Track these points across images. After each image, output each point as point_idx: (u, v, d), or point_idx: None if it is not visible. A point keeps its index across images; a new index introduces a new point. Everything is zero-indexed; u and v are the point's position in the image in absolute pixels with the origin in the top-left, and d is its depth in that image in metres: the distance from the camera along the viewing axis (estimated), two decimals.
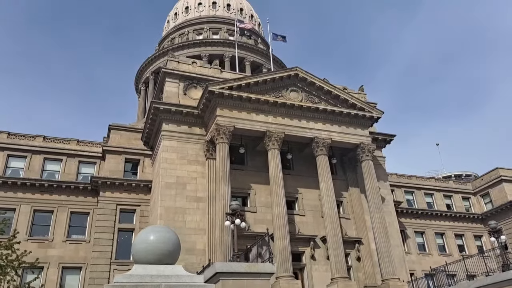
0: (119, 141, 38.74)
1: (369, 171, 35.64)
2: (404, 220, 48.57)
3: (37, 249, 33.39)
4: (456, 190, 55.07)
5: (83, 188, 36.44)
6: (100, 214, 34.93)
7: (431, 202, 52.75)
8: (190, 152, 33.97)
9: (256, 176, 34.73)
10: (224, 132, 32.07)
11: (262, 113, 34.26)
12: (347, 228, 35.91)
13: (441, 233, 50.37)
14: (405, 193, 51.44)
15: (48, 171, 37.24)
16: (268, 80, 35.16)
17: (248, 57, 59.80)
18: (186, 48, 59.41)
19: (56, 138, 38.62)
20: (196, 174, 33.27)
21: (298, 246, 33.25)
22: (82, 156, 38.33)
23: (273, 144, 33.33)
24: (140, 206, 36.36)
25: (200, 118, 35.07)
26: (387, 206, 38.36)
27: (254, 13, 71.72)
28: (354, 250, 34.73)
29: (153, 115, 34.91)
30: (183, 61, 38.96)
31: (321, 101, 36.80)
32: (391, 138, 41.79)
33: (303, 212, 35.02)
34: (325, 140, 35.02)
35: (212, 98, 33.00)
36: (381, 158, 41.11)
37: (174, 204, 31.41)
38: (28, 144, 37.16)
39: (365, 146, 36.20)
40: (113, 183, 35.83)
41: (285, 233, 30.14)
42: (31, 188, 35.25)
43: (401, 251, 36.88)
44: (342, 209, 37.00)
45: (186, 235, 30.57)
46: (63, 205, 35.73)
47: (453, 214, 51.63)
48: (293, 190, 35.64)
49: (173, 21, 68.73)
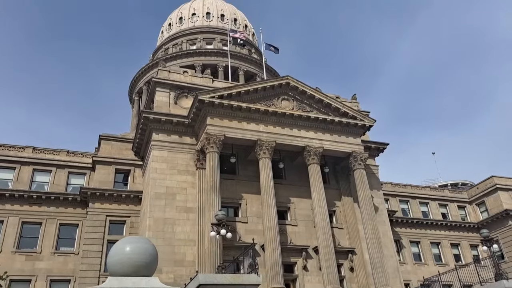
0: (109, 152, 38.37)
1: (361, 180, 35.27)
2: (399, 229, 48.14)
3: (24, 262, 32.96)
4: (452, 199, 54.74)
5: (72, 200, 35.97)
6: (89, 225, 34.41)
7: (426, 211, 52.38)
8: (180, 162, 33.58)
9: (247, 186, 34.31)
10: (214, 141, 31.74)
11: (253, 122, 33.99)
12: (340, 238, 35.43)
13: (436, 242, 49.91)
14: (400, 202, 51.09)
15: (37, 182, 36.78)
16: (259, 88, 34.97)
17: (242, 67, 59.77)
18: (180, 58, 59.38)
19: (45, 149, 38.24)
20: (186, 184, 32.84)
21: (290, 257, 32.71)
22: (72, 167, 37.94)
23: (264, 153, 33.00)
24: (130, 217, 35.87)
25: (191, 127, 34.79)
26: (380, 216, 37.94)
27: (248, 23, 71.95)
28: (347, 261, 34.20)
29: (143, 125, 34.60)
30: (174, 70, 38.77)
31: (313, 109, 36.60)
32: (384, 146, 41.53)
33: (295, 222, 34.53)
34: (316, 148, 34.71)
35: (202, 107, 32.74)
36: (374, 167, 40.79)
37: (164, 215, 30.92)
38: (17, 155, 36.77)
39: (357, 154, 35.89)
40: (103, 194, 35.37)
41: (276, 244, 29.65)
42: (20, 200, 34.76)
43: (395, 261, 36.35)
44: (335, 219, 36.55)
45: (176, 246, 30.08)
46: (52, 217, 35.22)
47: (448, 223, 51.22)
48: (285, 199, 35.23)
49: (167, 31, 68.87)
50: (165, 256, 29.34)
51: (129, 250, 8.59)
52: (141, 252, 8.75)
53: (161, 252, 29.30)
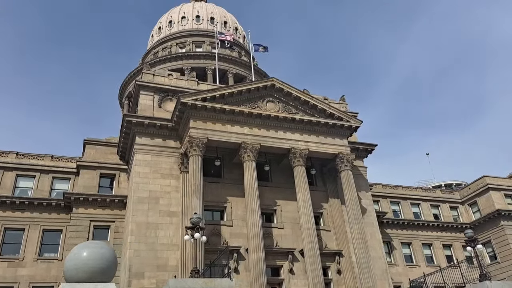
0: (94, 156, 37.93)
1: (348, 181, 34.93)
2: (390, 231, 47.74)
3: (6, 269, 32.49)
4: (444, 199, 54.36)
5: (56, 205, 35.51)
6: (73, 231, 33.93)
7: (418, 212, 51.97)
8: (164, 166, 33.20)
9: (233, 189, 33.94)
10: (197, 145, 31.38)
11: (238, 125, 33.67)
12: (327, 240, 35.06)
13: (428, 243, 49.48)
14: (391, 203, 50.68)
15: (20, 187, 36.32)
16: (244, 91, 34.67)
17: (231, 70, 59.49)
18: (169, 61, 59.10)
19: (29, 154, 37.80)
20: (170, 188, 32.45)
21: (276, 260, 32.34)
22: (56, 172, 37.49)
23: (248, 155, 32.66)
24: (115, 222, 35.40)
25: (175, 130, 34.43)
26: (369, 217, 37.59)
27: (239, 25, 71.75)
28: (334, 263, 33.82)
29: (127, 129, 34.22)
30: (158, 73, 38.45)
31: (299, 111, 36.30)
32: (373, 147, 41.21)
33: (282, 225, 34.14)
34: (302, 150, 34.38)
35: (185, 110, 32.41)
36: (362, 168, 40.45)
37: (146, 220, 30.50)
38: (0, 160, 36.29)
39: (343, 156, 35.57)
40: (87, 199, 34.92)
41: (260, 247, 29.27)
42: (2, 206, 34.30)
43: (384, 263, 35.95)
44: (322, 221, 36.19)
45: (159, 251, 29.67)
46: (35, 222, 34.75)
47: (440, 224, 50.81)
48: (272, 202, 34.88)
49: (157, 35, 68.61)
50: (148, 261, 28.97)
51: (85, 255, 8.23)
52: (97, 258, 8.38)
53: (144, 257, 29.08)
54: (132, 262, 28.58)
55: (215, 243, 31.21)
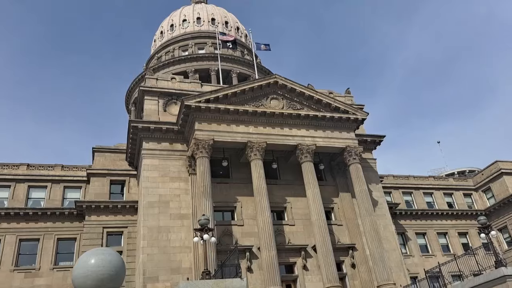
0: (103, 163, 38.28)
1: (357, 174, 34.72)
2: (403, 222, 47.35)
3: (24, 279, 32.95)
4: (457, 187, 53.75)
5: (68, 214, 35.93)
6: (86, 238, 34.30)
7: (431, 202, 51.46)
8: (173, 169, 33.34)
9: (242, 188, 33.96)
10: (203, 146, 31.46)
11: (242, 124, 33.66)
12: (339, 234, 34.89)
13: (443, 232, 48.97)
14: (403, 194, 50.23)
15: (33, 199, 36.82)
16: (247, 90, 34.63)
17: (235, 69, 59.50)
18: (172, 65, 59.31)
19: (40, 165, 38.28)
20: (179, 191, 32.58)
21: (289, 257, 32.30)
22: (67, 181, 37.92)
23: (255, 154, 32.64)
24: (127, 228, 35.71)
25: (181, 134, 34.55)
26: (380, 209, 37.32)
27: (240, 25, 71.69)
28: (348, 257, 33.64)
29: (133, 134, 34.43)
30: (161, 78, 38.60)
31: (304, 107, 36.14)
32: (381, 139, 40.88)
33: (293, 222, 34.07)
34: (309, 146, 34.24)
35: (190, 113, 32.50)
36: (371, 161, 40.15)
37: (158, 223, 30.68)
38: (11, 173, 36.84)
39: (351, 149, 35.34)
40: (98, 206, 35.27)
41: (271, 245, 29.24)
42: (16, 218, 34.80)
43: (398, 254, 35.65)
44: (334, 216, 36.01)
45: (171, 254, 29.81)
46: (49, 232, 35.20)
47: (454, 212, 50.25)
48: (281, 199, 34.82)
49: (159, 40, 68.90)
50: (161, 265, 29.14)
51: (93, 262, 8.25)
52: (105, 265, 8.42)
53: (157, 261, 29.26)
54: (146, 266, 28.78)
55: (227, 243, 31.28)
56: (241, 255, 31.07)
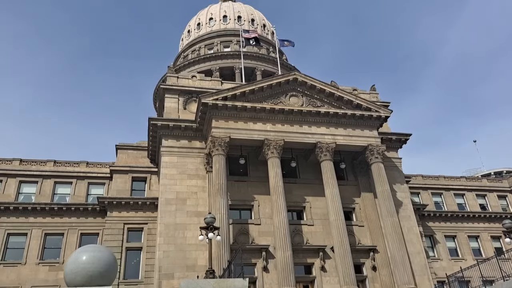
0: (126, 161, 38.95)
1: (379, 173, 33.59)
2: (432, 224, 45.54)
3: (48, 273, 33.97)
4: (491, 188, 51.17)
5: (92, 209, 36.78)
6: (108, 234, 34.98)
7: (462, 203, 49.23)
8: (190, 167, 33.42)
9: (260, 187, 33.58)
10: (219, 144, 31.32)
11: (260, 121, 33.28)
12: (360, 236, 33.89)
13: (475, 236, 46.74)
14: (432, 195, 48.32)
15: (59, 194, 37.96)
16: (265, 87, 34.19)
17: (259, 67, 59.16)
18: (197, 63, 59.67)
19: (66, 162, 39.42)
20: (197, 188, 32.62)
21: (306, 258, 31.67)
22: (91, 177, 38.86)
23: (272, 152, 32.18)
24: (147, 224, 36.15)
25: (200, 131, 34.58)
26: (405, 211, 35.97)
27: (267, 22, 71.23)
28: (369, 259, 32.61)
29: (153, 132, 34.79)
30: (182, 76, 38.88)
31: (324, 104, 35.34)
32: (407, 137, 39.40)
33: (311, 222, 33.39)
34: (329, 144, 33.43)
35: (207, 110, 32.45)
36: (396, 160, 38.77)
37: (174, 220, 30.83)
38: (39, 169, 38.13)
39: (373, 147, 34.23)
40: (120, 203, 35.89)
41: (287, 245, 28.72)
42: (42, 212, 35.97)
43: (423, 257, 34.20)
44: (355, 216, 35.03)
45: (187, 251, 29.88)
46: (73, 227, 36.18)
47: (487, 215, 47.82)
48: (300, 199, 34.20)
49: (186, 38, 69.56)
50: (177, 261, 29.26)
51: (84, 259, 8.25)
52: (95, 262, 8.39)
53: (173, 258, 29.40)
54: (161, 263, 28.98)
55: (243, 242, 31.02)
56: (257, 254, 30.81)
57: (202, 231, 20.44)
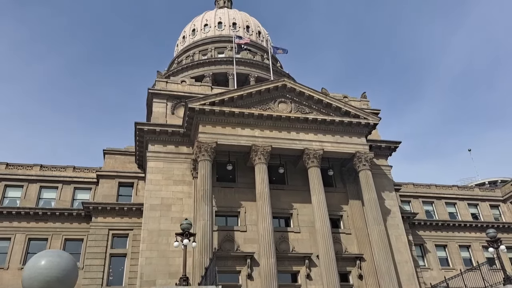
0: (113, 165, 38.62)
1: (366, 181, 33.29)
2: (422, 233, 45.17)
3: None
4: (483, 197, 50.90)
5: (77, 215, 36.38)
6: (92, 240, 34.55)
7: (454, 212, 48.95)
8: (177, 172, 33.07)
9: (247, 193, 33.19)
10: (206, 149, 31.02)
11: (248, 127, 33.01)
12: (347, 244, 33.50)
13: (466, 245, 46.35)
14: (424, 203, 48.04)
15: (44, 199, 37.57)
16: (254, 93, 33.98)
17: (253, 73, 59.06)
18: (190, 69, 59.58)
19: (53, 166, 39.07)
20: (182, 194, 32.25)
21: (292, 266, 31.24)
22: (78, 182, 38.52)
23: (259, 158, 31.89)
24: (133, 230, 35.75)
25: (187, 136, 34.27)
26: (393, 219, 35.64)
27: (262, 29, 71.31)
28: (355, 268, 32.17)
29: (139, 137, 34.48)
30: (171, 81, 38.66)
31: (313, 110, 35.13)
32: (396, 145, 39.16)
33: (298, 229, 32.98)
34: (316, 151, 33.16)
35: (194, 115, 32.19)
36: (385, 167, 38.49)
37: (159, 227, 30.40)
38: (25, 173, 37.75)
39: (361, 155, 33.96)
40: (105, 208, 35.50)
41: (271, 252, 28.31)
42: (26, 217, 35.57)
43: (411, 267, 33.77)
44: (343, 224, 34.66)
45: (170, 258, 29.40)
46: (57, 232, 35.74)
47: (479, 224, 47.45)
48: (288, 205, 33.84)
49: (181, 44, 69.59)
50: (159, 268, 28.81)
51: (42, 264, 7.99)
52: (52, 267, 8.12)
53: (155, 265, 28.94)
54: (143, 270, 28.53)
55: (228, 249, 30.65)
56: (242, 261, 30.36)
57: (178, 238, 20.06)
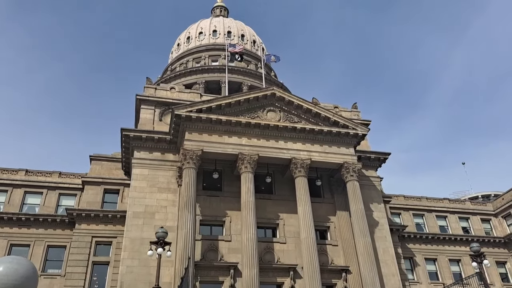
0: (99, 172, 38.14)
1: (354, 192, 32.91)
2: (412, 246, 44.66)
3: None
4: (474, 211, 50.47)
5: (60, 221, 35.80)
6: (75, 247, 33.95)
7: (444, 226, 48.46)
8: (162, 180, 32.64)
9: (233, 203, 32.75)
10: (191, 157, 30.63)
11: (235, 135, 32.68)
12: (334, 255, 33.03)
13: (456, 259, 45.81)
14: (414, 216, 47.58)
15: (28, 204, 36.99)
16: (242, 101, 33.72)
17: (246, 82, 58.93)
18: (183, 76, 59.40)
19: (38, 171, 38.55)
20: (167, 202, 31.79)
21: (276, 277, 30.73)
22: (63, 188, 37.97)
23: (245, 167, 31.51)
24: (116, 238, 35.12)
25: (174, 144, 33.91)
26: (381, 231, 35.24)
27: (257, 38, 71.39)
28: (341, 280, 31.68)
29: (125, 143, 34.09)
30: (160, 87, 38.37)
31: (301, 120, 34.86)
32: (385, 156, 38.86)
33: (284, 240, 32.52)
34: (304, 160, 32.82)
35: (180, 122, 31.86)
36: (374, 179, 38.16)
37: (141, 235, 29.87)
38: (9, 178, 37.21)
39: (349, 165, 33.62)
40: (89, 215, 34.95)
41: (253, 262, 27.81)
42: (9, 222, 34.95)
43: (397, 280, 33.31)
44: (330, 235, 34.23)
45: (152, 267, 28.65)
46: (40, 238, 35.10)
47: (470, 238, 46.92)
48: (274, 215, 33.42)
49: (176, 51, 69.55)
50: (140, 278, 28.25)
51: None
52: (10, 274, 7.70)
53: (136, 273, 28.39)
54: (124, 279, 27.97)
55: (211, 259, 30.15)
56: (225, 272, 29.87)
57: (152, 246, 19.59)
